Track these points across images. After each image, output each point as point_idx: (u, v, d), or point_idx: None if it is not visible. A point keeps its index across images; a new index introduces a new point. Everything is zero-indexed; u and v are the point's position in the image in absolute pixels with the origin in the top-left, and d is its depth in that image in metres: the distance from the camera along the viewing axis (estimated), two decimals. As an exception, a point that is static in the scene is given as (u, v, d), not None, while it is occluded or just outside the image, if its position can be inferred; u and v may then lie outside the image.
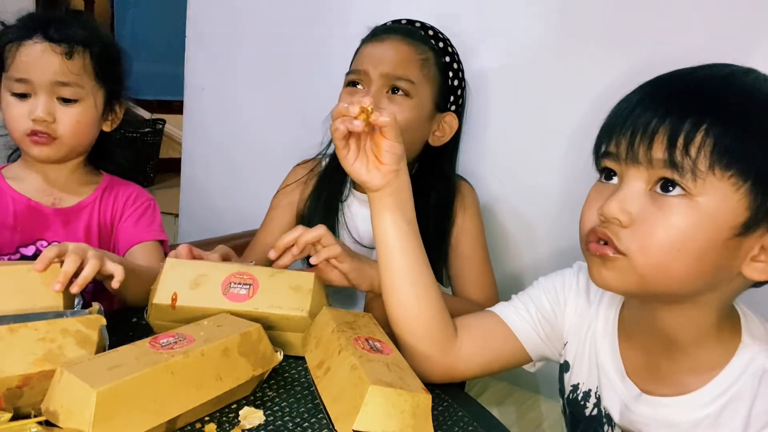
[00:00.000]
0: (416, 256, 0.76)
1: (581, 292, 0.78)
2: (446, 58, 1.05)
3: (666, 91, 0.62)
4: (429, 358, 0.76)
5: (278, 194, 1.18)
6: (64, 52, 0.94)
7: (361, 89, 1.02)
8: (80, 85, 0.96)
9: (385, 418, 0.54)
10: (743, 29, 0.97)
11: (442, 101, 1.06)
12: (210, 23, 1.79)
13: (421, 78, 1.01)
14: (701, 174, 0.56)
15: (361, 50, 1.05)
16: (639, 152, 0.59)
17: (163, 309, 0.74)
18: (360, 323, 0.69)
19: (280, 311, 0.74)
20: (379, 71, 1.00)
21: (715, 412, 0.62)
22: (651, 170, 0.59)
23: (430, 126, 1.06)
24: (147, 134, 3.48)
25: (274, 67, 1.65)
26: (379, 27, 1.07)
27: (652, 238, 0.58)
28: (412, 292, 0.75)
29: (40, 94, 0.93)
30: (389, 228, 0.76)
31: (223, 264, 0.82)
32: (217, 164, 1.84)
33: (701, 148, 0.56)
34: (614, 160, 0.63)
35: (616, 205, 0.60)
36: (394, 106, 0.99)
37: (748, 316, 0.66)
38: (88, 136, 1.00)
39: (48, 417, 0.53)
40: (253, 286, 0.76)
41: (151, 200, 1.10)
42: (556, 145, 1.17)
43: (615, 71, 1.04)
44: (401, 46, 1.01)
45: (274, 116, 1.67)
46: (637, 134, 0.59)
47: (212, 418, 0.63)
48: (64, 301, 0.70)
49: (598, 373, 0.73)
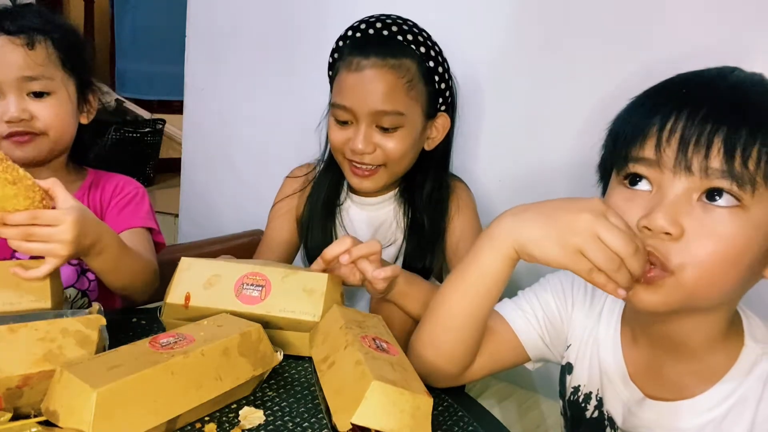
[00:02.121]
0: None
1: (588, 293, 0.77)
2: (430, 63, 0.99)
3: (705, 96, 0.59)
4: (448, 376, 0.74)
5: (275, 207, 1.16)
6: (25, 43, 0.89)
7: (351, 127, 0.98)
8: (48, 76, 0.92)
9: (385, 415, 0.54)
10: (743, 29, 0.97)
11: (431, 109, 1.02)
12: (210, 23, 1.79)
13: (409, 102, 0.97)
14: (759, 185, 0.55)
15: (342, 80, 0.98)
16: (693, 161, 0.56)
17: (176, 308, 0.75)
18: (369, 323, 0.69)
19: (292, 315, 0.75)
20: (366, 110, 0.95)
21: (720, 417, 0.62)
22: (704, 179, 0.56)
23: (424, 136, 1.04)
24: (147, 134, 3.47)
25: (274, 67, 1.65)
26: (354, 51, 0.97)
27: (705, 252, 0.56)
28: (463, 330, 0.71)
29: (9, 94, 0.89)
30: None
31: (236, 264, 0.81)
32: (217, 164, 1.84)
33: (759, 160, 0.55)
34: (652, 167, 0.59)
35: (665, 216, 0.57)
36: (389, 142, 0.97)
37: (750, 318, 0.65)
38: (69, 129, 0.96)
39: (48, 417, 0.53)
40: (265, 288, 0.77)
41: (139, 188, 1.06)
42: (554, 142, 1.17)
43: (613, 69, 1.05)
44: (383, 75, 0.94)
45: (273, 116, 1.67)
46: (689, 142, 0.56)
47: (212, 418, 0.63)
48: (51, 297, 0.70)
49: (600, 375, 0.73)
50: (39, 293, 0.71)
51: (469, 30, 1.24)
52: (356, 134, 0.97)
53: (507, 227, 0.64)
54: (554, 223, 0.59)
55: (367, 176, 1.01)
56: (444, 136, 1.05)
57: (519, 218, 0.63)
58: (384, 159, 0.99)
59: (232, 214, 1.78)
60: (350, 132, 0.98)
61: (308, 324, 0.74)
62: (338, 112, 0.99)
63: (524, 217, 0.63)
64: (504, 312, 0.80)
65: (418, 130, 1.00)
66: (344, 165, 1.03)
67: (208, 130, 1.86)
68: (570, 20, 1.14)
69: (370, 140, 0.97)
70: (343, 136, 0.99)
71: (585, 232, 0.56)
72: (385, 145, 0.97)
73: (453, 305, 0.70)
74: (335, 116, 1.00)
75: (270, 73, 1.67)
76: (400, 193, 1.09)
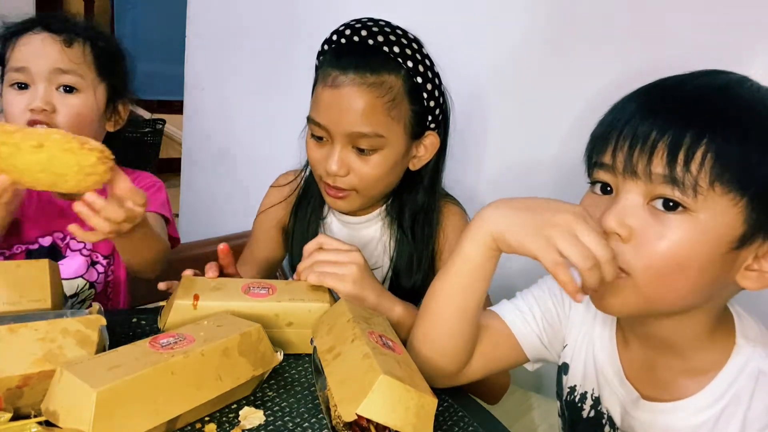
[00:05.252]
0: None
1: None
2: (418, 78, 0.91)
3: (663, 101, 0.61)
4: (445, 373, 0.74)
5: (258, 218, 1.14)
6: (64, 40, 0.94)
7: (326, 145, 0.93)
8: (79, 74, 0.95)
9: (390, 410, 0.54)
10: (738, 31, 0.97)
11: (418, 128, 0.94)
12: (210, 23, 1.80)
13: (390, 122, 0.89)
14: (702, 190, 0.56)
15: (318, 94, 0.92)
16: (638, 166, 0.58)
17: (184, 309, 0.74)
18: (375, 321, 0.69)
19: (302, 303, 0.76)
20: (342, 130, 0.89)
21: (714, 417, 0.62)
22: (650, 185, 0.58)
23: (408, 157, 0.96)
24: (147, 134, 3.48)
25: (273, 67, 1.65)
26: (333, 61, 0.91)
27: (655, 254, 0.57)
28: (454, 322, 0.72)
29: (39, 83, 0.93)
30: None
31: (237, 279, 0.85)
32: (217, 164, 1.84)
33: (702, 164, 0.55)
34: (609, 172, 0.61)
35: (614, 218, 0.59)
36: (364, 166, 0.91)
37: (742, 317, 0.66)
38: (88, 131, 0.98)
39: (48, 417, 0.53)
40: (271, 288, 0.79)
41: (158, 182, 1.10)
42: (552, 148, 1.17)
43: (612, 73, 1.05)
44: (361, 94, 0.87)
45: (273, 116, 1.68)
46: (635, 147, 0.58)
47: (212, 418, 0.63)
48: (51, 297, 0.70)
49: (596, 375, 0.73)
50: (39, 293, 0.71)
51: (470, 35, 1.24)
52: (330, 154, 0.91)
53: (487, 218, 0.65)
54: (534, 215, 0.60)
55: (340, 198, 0.95)
56: (432, 155, 0.98)
57: (499, 209, 0.64)
58: (356, 183, 0.93)
59: (232, 214, 1.78)
60: (326, 151, 0.92)
61: (318, 313, 0.75)
62: (314, 128, 0.93)
63: (505, 207, 0.64)
64: (501, 312, 0.80)
65: (399, 153, 0.93)
66: (320, 183, 0.98)
67: (208, 130, 1.87)
68: (575, 21, 1.14)
69: (345, 162, 0.91)
70: (319, 154, 0.94)
71: (563, 228, 0.57)
72: (359, 170, 0.91)
73: (441, 299, 0.71)
74: (312, 131, 0.95)
75: (270, 73, 1.67)
76: (386, 211, 1.03)
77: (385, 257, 1.04)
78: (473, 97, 1.19)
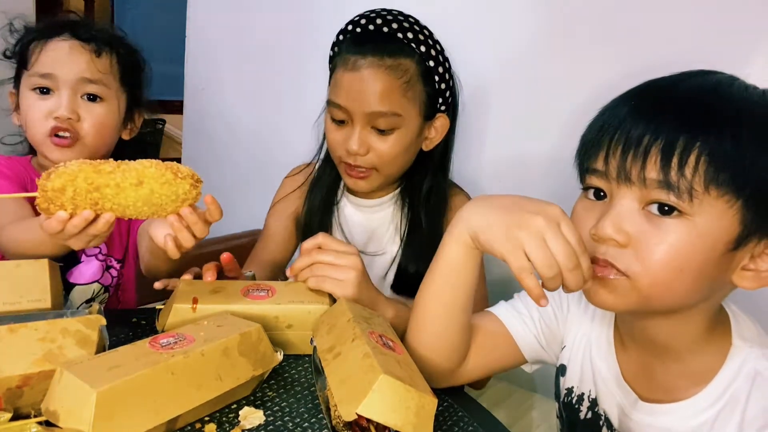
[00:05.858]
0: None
1: (581, 296, 0.77)
2: (430, 62, 0.98)
3: (654, 104, 0.60)
4: (440, 371, 0.74)
5: (273, 207, 1.16)
6: (93, 50, 0.95)
7: (346, 127, 0.98)
8: (106, 84, 0.96)
9: (390, 409, 0.54)
10: (738, 31, 0.97)
11: (430, 110, 1.00)
12: (210, 23, 1.79)
13: (406, 103, 0.96)
14: (697, 194, 0.56)
15: (339, 78, 0.97)
16: (632, 172, 0.58)
17: (183, 312, 0.74)
18: (375, 321, 0.69)
19: (302, 305, 0.76)
20: (362, 110, 0.95)
21: (712, 418, 0.62)
22: (644, 190, 0.58)
23: (421, 138, 1.02)
24: (147, 134, 3.47)
25: (273, 67, 1.65)
26: (352, 48, 0.97)
27: (653, 258, 0.57)
28: (443, 322, 0.72)
29: (64, 91, 0.93)
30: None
31: (237, 281, 0.85)
32: (217, 164, 1.84)
33: (696, 167, 0.55)
34: (602, 178, 0.61)
35: (611, 225, 0.59)
36: (383, 144, 0.97)
37: (738, 317, 0.65)
38: (109, 140, 1.00)
39: (48, 417, 0.53)
40: (271, 290, 0.79)
41: None
42: (553, 147, 1.17)
43: (612, 71, 1.05)
44: (380, 75, 0.93)
45: (273, 116, 1.68)
46: (628, 152, 0.58)
47: (212, 418, 0.63)
48: (51, 297, 0.70)
49: (594, 377, 0.73)
50: (39, 293, 0.71)
51: (474, 30, 1.24)
52: (351, 135, 0.97)
53: (465, 216, 0.65)
54: (507, 215, 0.60)
55: (361, 177, 1.01)
56: (443, 137, 1.04)
57: (477, 206, 0.65)
58: (376, 162, 0.98)
59: (232, 214, 1.77)
60: (346, 132, 0.98)
61: (317, 315, 0.75)
62: (334, 111, 0.98)
63: (483, 204, 0.64)
64: (499, 314, 0.81)
65: (414, 132, 0.99)
66: (340, 165, 1.03)
67: (208, 130, 1.87)
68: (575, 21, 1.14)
69: (365, 142, 0.96)
70: (340, 136, 0.99)
71: (533, 231, 0.58)
72: (378, 148, 0.97)
73: (428, 297, 0.72)
74: (332, 114, 1.00)
75: (270, 73, 1.67)
76: (399, 195, 1.08)
77: (394, 242, 1.08)
78: (477, 90, 1.19)
